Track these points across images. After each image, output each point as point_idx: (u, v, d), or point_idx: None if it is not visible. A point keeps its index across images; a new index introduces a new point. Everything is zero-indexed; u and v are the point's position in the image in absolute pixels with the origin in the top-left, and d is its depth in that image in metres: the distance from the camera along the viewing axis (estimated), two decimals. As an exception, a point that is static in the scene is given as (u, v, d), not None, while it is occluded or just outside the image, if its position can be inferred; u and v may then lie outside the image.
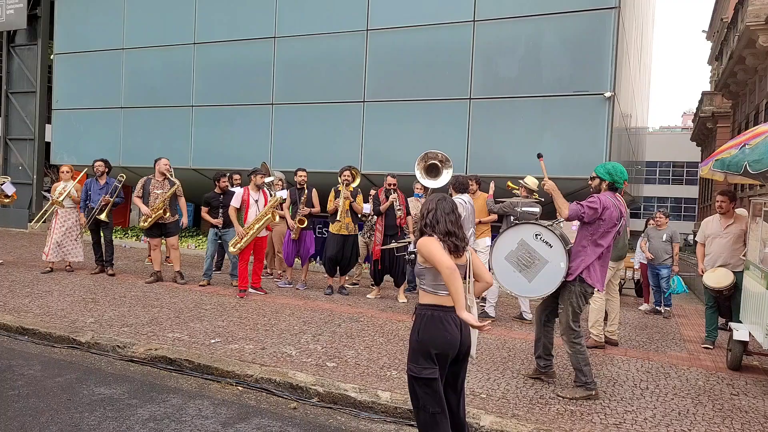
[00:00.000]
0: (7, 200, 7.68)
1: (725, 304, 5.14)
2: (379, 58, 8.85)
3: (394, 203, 6.53)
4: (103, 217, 7.04)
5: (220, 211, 6.80)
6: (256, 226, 6.25)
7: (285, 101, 9.63)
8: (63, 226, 7.18)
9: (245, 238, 6.22)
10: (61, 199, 7.16)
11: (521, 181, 6.20)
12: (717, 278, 4.99)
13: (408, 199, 6.83)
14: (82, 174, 7.77)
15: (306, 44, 9.39)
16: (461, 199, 5.53)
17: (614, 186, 3.64)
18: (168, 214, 6.75)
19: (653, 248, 6.96)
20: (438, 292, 2.41)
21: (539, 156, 3.99)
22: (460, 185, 5.63)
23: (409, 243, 5.85)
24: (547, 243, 3.69)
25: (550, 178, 3.85)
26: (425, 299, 2.44)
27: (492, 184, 6.42)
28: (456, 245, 2.42)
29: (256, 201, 6.39)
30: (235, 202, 6.32)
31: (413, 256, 6.17)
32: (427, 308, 2.41)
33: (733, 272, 4.95)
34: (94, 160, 7.47)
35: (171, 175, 6.95)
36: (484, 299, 6.73)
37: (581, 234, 3.65)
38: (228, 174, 7.35)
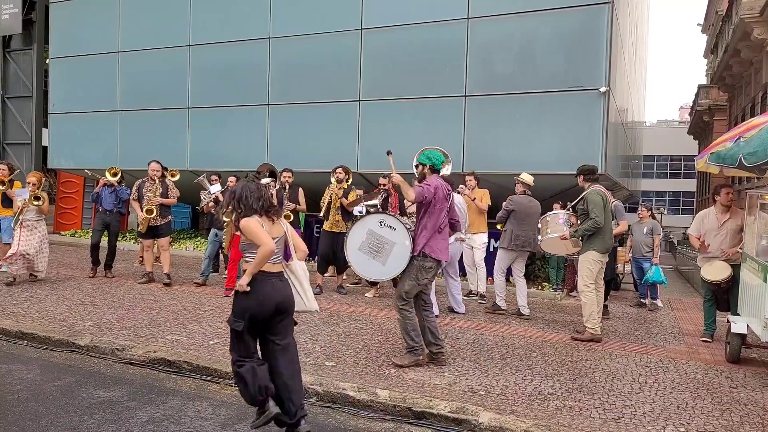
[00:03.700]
0: (37, 203, 6.78)
1: (723, 297, 5.15)
2: (373, 57, 8.84)
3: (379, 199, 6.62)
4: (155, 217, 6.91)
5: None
6: None
7: (280, 102, 9.62)
8: (32, 239, 6.68)
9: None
10: (23, 210, 6.63)
11: (517, 178, 6.22)
12: (715, 271, 5.00)
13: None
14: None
15: (301, 44, 9.38)
16: None
17: (435, 168, 4.14)
18: (155, 215, 6.83)
19: (635, 242, 7.10)
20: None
21: (388, 153, 4.31)
22: (448, 184, 5.64)
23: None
24: (390, 227, 4.13)
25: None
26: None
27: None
28: (267, 211, 2.99)
29: None
30: None
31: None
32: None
33: (732, 265, 4.96)
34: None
35: (163, 177, 7.01)
36: (483, 296, 6.74)
37: (420, 214, 4.09)
38: (219, 175, 7.39)
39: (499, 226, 6.17)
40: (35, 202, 6.70)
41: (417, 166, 4.17)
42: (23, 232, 6.65)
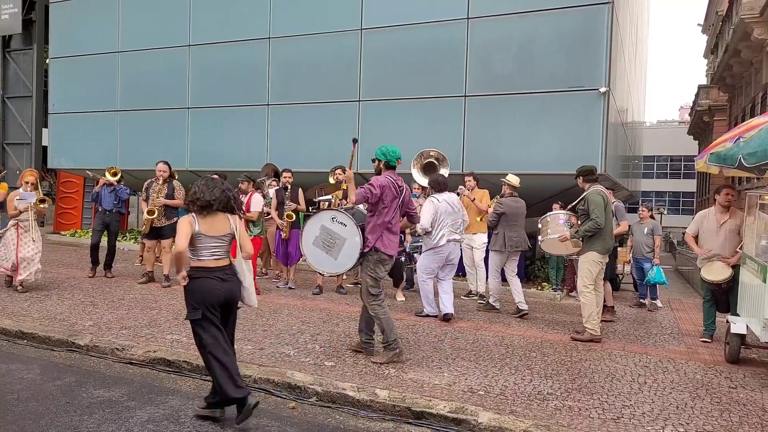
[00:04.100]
0: (43, 206, 6.51)
1: (723, 298, 5.14)
2: (373, 57, 8.84)
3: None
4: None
5: None
6: None
7: (280, 102, 9.63)
8: (32, 242, 6.26)
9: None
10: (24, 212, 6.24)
11: (503, 179, 6.25)
12: (715, 272, 4.99)
13: None
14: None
15: (300, 44, 9.39)
16: (435, 198, 5.47)
17: (390, 165, 4.22)
18: (157, 216, 6.84)
19: (635, 242, 7.11)
20: (200, 258, 3.14)
21: (354, 141, 4.48)
22: (438, 184, 5.61)
23: (404, 242, 5.85)
24: (342, 223, 4.22)
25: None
26: (192, 263, 3.16)
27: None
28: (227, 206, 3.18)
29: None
30: (256, 207, 6.38)
31: (407, 258, 6.19)
32: (193, 270, 3.14)
33: (732, 266, 4.95)
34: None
35: (171, 177, 7.02)
36: (482, 296, 6.75)
37: (371, 211, 4.17)
38: (224, 176, 7.37)
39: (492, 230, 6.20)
40: (42, 206, 6.39)
41: (374, 161, 4.29)
42: (21, 236, 6.20)
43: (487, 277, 7.03)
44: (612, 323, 5.92)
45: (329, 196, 4.64)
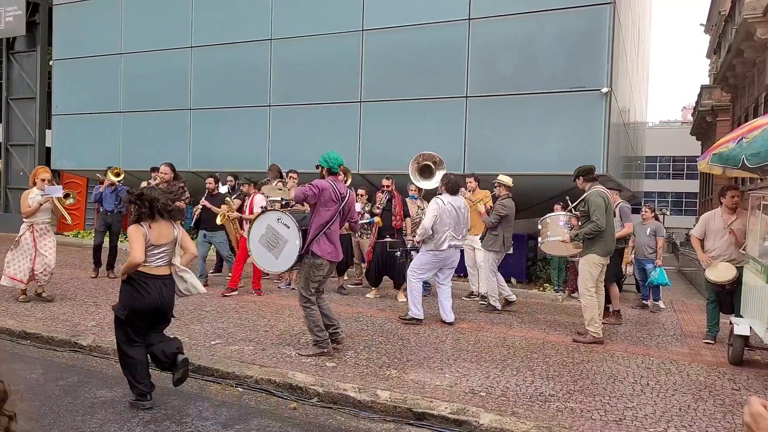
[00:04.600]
0: (69, 201, 6.15)
1: (727, 299, 5.10)
2: (375, 58, 8.85)
3: (381, 202, 6.60)
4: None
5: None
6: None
7: (282, 103, 9.64)
8: (47, 245, 5.75)
9: None
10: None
11: (498, 180, 6.29)
12: (719, 272, 4.95)
13: (404, 199, 6.84)
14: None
15: (302, 46, 9.40)
16: (441, 200, 5.29)
17: (332, 171, 4.35)
18: None
19: (638, 243, 7.07)
20: (144, 264, 3.28)
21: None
22: (452, 186, 5.42)
23: (406, 242, 5.83)
24: (286, 225, 4.36)
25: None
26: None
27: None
28: (170, 213, 3.36)
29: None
30: (259, 208, 6.43)
31: (403, 255, 6.13)
32: (135, 272, 3.29)
33: (737, 267, 4.92)
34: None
35: (175, 179, 7.05)
36: (484, 297, 6.74)
37: (311, 215, 4.32)
38: (235, 176, 7.46)
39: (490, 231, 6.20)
40: (69, 201, 5.97)
41: (317, 167, 4.43)
42: (38, 240, 5.58)
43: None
44: (617, 325, 5.90)
45: (278, 197, 4.78)
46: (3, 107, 13.73)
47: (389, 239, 6.30)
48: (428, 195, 6.28)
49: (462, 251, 7.13)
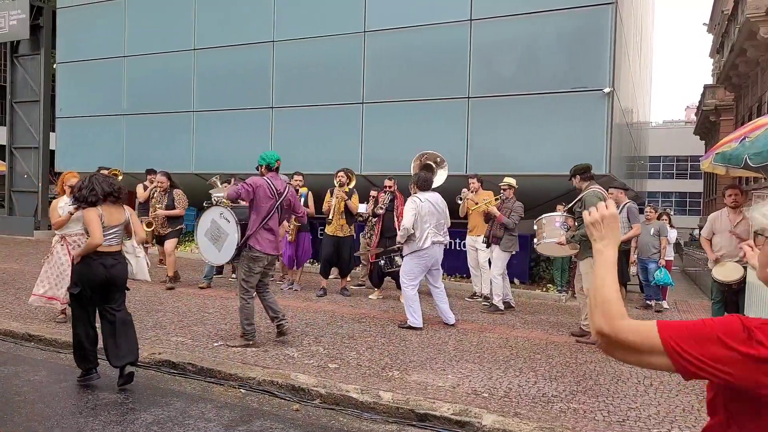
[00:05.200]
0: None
1: (733, 299, 5.06)
2: (376, 60, 8.86)
3: (384, 202, 6.59)
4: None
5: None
6: None
7: (284, 104, 9.66)
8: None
9: None
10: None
11: (504, 183, 6.34)
12: (726, 272, 4.89)
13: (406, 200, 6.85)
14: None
15: (304, 47, 9.42)
16: (417, 198, 5.19)
17: (270, 167, 4.52)
18: (158, 227, 7.07)
19: (641, 243, 7.05)
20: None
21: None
22: (423, 182, 5.34)
23: (398, 249, 5.76)
24: (227, 219, 4.60)
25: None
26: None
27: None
28: (116, 197, 3.67)
29: None
30: None
31: (387, 261, 6.04)
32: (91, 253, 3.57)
33: (744, 267, 4.88)
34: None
35: (173, 187, 7.12)
36: (487, 298, 6.73)
37: (250, 210, 4.46)
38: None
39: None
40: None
41: (257, 168, 4.59)
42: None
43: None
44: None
45: (222, 194, 4.92)
46: (7, 110, 13.81)
47: (382, 249, 6.32)
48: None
49: (465, 252, 7.16)
